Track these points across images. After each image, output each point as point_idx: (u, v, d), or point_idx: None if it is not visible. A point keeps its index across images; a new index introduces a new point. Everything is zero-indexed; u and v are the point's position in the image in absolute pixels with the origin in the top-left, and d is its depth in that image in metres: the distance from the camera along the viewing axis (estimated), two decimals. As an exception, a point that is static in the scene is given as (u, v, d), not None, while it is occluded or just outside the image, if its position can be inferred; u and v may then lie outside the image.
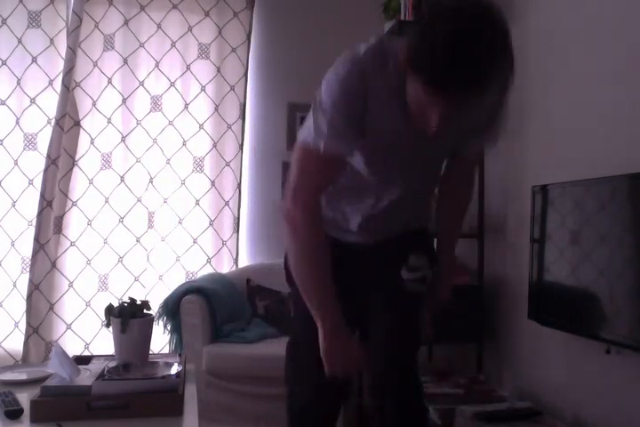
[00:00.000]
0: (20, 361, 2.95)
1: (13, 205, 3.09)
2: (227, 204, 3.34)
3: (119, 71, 3.22)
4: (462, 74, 0.93)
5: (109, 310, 1.80)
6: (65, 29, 3.12)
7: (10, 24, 3.09)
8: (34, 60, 3.11)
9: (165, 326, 2.77)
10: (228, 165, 3.34)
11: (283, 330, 2.72)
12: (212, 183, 3.33)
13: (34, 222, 3.02)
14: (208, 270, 3.28)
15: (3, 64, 3.09)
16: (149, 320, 1.82)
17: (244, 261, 3.41)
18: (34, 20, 3.11)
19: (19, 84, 3.10)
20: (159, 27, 3.27)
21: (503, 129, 1.37)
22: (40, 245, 2.99)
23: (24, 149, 3.11)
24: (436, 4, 0.98)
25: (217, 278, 3.00)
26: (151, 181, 3.25)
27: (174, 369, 1.61)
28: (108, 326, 1.81)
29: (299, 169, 1.24)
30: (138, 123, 3.24)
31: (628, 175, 1.63)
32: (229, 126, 3.35)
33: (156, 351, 2.95)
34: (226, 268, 3.32)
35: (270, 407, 2.45)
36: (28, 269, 3.03)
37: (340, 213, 1.43)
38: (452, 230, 1.61)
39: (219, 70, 3.34)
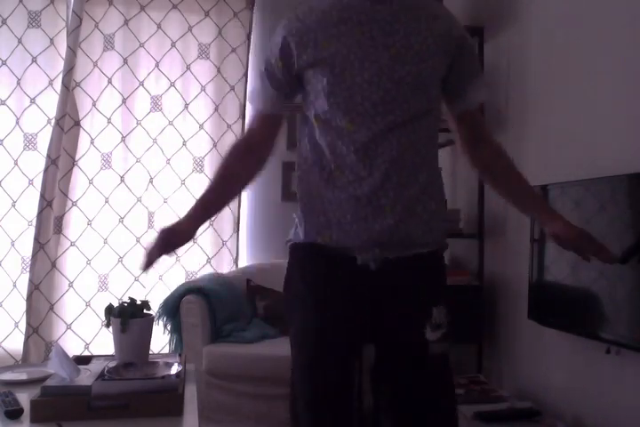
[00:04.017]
0: (20, 361, 2.95)
1: (13, 205, 3.09)
2: (227, 204, 3.34)
3: (119, 71, 3.22)
4: None
5: (109, 310, 1.80)
6: (65, 29, 3.12)
7: (10, 24, 3.09)
8: (34, 60, 3.11)
9: (165, 326, 2.77)
10: (228, 165, 3.34)
11: (282, 330, 2.72)
12: (212, 183, 3.32)
13: (34, 222, 3.02)
14: (208, 270, 3.28)
15: (3, 64, 3.09)
16: (149, 320, 1.82)
17: (244, 261, 3.41)
18: (34, 20, 3.11)
19: (19, 84, 3.10)
20: (159, 27, 3.27)
21: (483, 82, 1.39)
22: (40, 245, 2.99)
23: (24, 149, 3.11)
24: None
25: (217, 278, 2.99)
26: (151, 181, 3.25)
27: (174, 369, 1.61)
28: (107, 326, 1.81)
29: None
30: (138, 123, 3.24)
31: (628, 175, 1.64)
32: (229, 126, 3.35)
33: (156, 351, 2.95)
34: (226, 268, 3.32)
35: (270, 407, 2.45)
36: (27, 269, 3.03)
37: (326, 203, 1.28)
38: (528, 198, 1.39)
39: (219, 70, 3.34)
